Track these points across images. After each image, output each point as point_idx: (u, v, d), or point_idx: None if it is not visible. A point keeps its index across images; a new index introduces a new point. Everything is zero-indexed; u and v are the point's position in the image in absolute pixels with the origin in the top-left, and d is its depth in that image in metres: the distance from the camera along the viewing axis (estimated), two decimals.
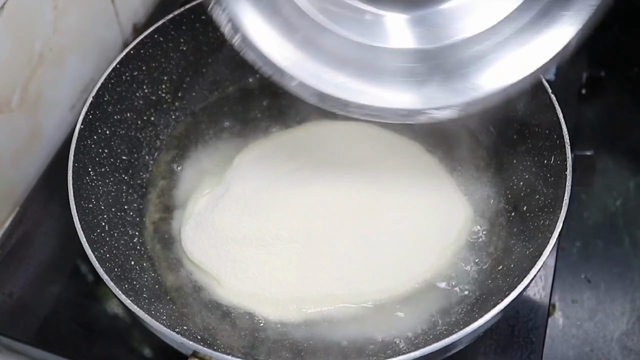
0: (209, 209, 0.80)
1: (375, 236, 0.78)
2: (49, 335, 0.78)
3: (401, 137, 0.87)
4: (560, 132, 0.74)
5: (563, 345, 0.85)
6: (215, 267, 0.77)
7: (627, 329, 0.87)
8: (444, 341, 0.62)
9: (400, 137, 0.87)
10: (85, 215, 0.72)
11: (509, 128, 0.83)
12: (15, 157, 0.88)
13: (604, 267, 0.91)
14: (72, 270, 0.83)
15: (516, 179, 0.81)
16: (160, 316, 0.71)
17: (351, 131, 0.87)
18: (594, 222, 0.95)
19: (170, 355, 0.69)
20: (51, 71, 0.91)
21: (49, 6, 0.87)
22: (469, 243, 0.79)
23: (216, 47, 0.90)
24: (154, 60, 0.86)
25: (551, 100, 0.75)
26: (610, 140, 1.02)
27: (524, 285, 0.65)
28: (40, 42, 0.88)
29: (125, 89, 0.84)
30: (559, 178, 0.72)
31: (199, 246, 0.78)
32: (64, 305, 0.80)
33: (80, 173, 0.75)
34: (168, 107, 0.89)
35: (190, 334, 0.72)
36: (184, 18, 0.86)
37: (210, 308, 0.76)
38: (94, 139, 0.79)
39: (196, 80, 0.91)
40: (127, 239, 0.79)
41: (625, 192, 0.97)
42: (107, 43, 1.02)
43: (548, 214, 0.72)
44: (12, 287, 0.81)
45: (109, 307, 0.80)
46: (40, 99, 0.90)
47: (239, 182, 0.81)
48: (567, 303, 0.89)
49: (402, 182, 0.81)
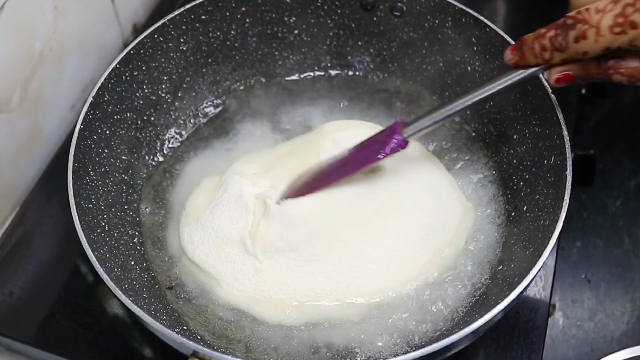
0: (208, 210, 0.80)
1: (375, 236, 0.77)
2: (49, 335, 0.78)
3: None
4: (560, 132, 0.74)
5: (563, 345, 0.85)
6: (215, 268, 0.77)
7: (627, 329, 0.87)
8: (444, 341, 0.62)
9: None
10: (85, 215, 0.72)
11: (509, 128, 0.83)
12: (15, 157, 0.88)
13: (604, 267, 0.91)
14: (72, 270, 0.83)
15: (516, 178, 0.81)
16: (160, 316, 0.71)
17: (352, 133, 0.87)
18: (594, 222, 0.95)
19: (170, 355, 0.69)
20: (51, 71, 0.91)
21: (49, 6, 0.87)
22: (469, 243, 0.79)
23: (216, 47, 0.90)
24: (154, 60, 0.86)
25: (551, 100, 0.75)
26: (610, 140, 1.02)
27: (524, 285, 0.65)
28: (40, 42, 0.88)
29: (125, 89, 0.84)
30: (559, 178, 0.72)
31: (198, 246, 0.78)
32: (64, 305, 0.80)
33: (80, 173, 0.75)
34: (168, 107, 0.89)
35: (190, 334, 0.72)
36: (184, 18, 0.86)
37: (210, 309, 0.76)
38: (94, 139, 0.79)
39: (196, 80, 0.91)
40: (127, 239, 0.79)
41: (625, 192, 0.97)
42: (107, 43, 1.02)
43: (548, 214, 0.72)
44: (12, 287, 0.81)
45: (109, 307, 0.80)
46: (40, 99, 0.90)
47: (238, 182, 0.81)
48: (567, 303, 0.88)
49: (402, 182, 0.81)
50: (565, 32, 0.62)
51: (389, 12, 0.89)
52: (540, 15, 1.05)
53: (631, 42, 0.60)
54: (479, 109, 0.86)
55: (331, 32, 0.92)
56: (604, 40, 0.60)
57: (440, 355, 0.64)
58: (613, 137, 1.02)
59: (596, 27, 0.60)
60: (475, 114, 0.87)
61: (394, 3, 0.88)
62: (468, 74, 0.86)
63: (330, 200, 0.78)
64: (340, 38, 0.93)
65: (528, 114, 0.80)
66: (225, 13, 0.89)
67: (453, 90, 0.89)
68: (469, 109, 0.73)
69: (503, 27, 0.81)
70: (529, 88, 0.78)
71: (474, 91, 0.71)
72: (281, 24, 0.91)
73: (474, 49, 0.84)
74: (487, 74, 0.84)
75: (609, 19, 0.59)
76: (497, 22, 1.00)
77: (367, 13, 0.90)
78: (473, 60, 0.85)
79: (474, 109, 0.87)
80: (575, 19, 0.61)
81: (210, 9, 0.87)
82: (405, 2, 0.87)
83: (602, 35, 0.60)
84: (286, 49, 0.93)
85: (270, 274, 0.75)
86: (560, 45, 0.62)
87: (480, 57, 0.84)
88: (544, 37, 0.64)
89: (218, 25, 0.89)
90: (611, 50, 0.61)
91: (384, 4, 0.89)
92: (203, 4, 0.87)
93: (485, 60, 0.84)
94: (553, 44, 0.63)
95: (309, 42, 0.93)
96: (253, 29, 0.91)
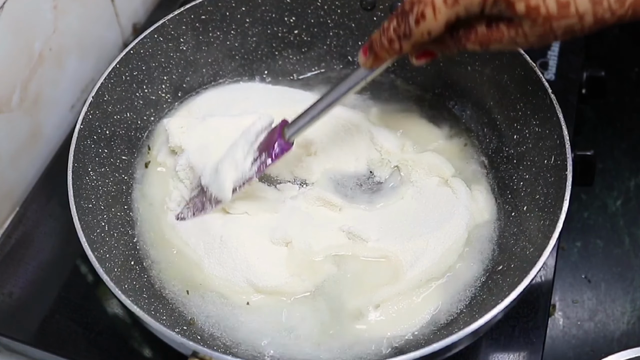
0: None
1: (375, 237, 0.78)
2: (49, 335, 0.78)
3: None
4: (560, 132, 0.74)
5: (563, 345, 0.85)
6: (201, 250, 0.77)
7: (627, 329, 0.87)
8: (444, 341, 0.62)
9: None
10: (85, 215, 0.72)
11: (509, 128, 0.83)
12: (15, 157, 0.88)
13: (604, 267, 0.91)
14: (72, 270, 0.83)
15: (516, 179, 0.81)
16: (160, 316, 0.71)
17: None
18: (594, 222, 0.95)
19: (170, 355, 0.69)
20: (51, 71, 0.91)
21: (48, 6, 0.87)
22: (469, 243, 0.79)
23: (216, 47, 0.90)
24: (154, 60, 0.86)
25: (551, 100, 0.75)
26: (610, 140, 1.02)
27: (524, 285, 0.65)
28: (40, 42, 0.88)
29: (125, 89, 0.84)
30: (559, 178, 0.72)
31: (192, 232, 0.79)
32: (64, 305, 0.80)
33: (80, 173, 0.75)
34: (168, 107, 0.89)
35: (190, 334, 0.72)
36: (184, 18, 0.86)
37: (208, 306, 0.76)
38: (94, 139, 0.79)
39: (196, 80, 0.91)
40: (127, 239, 0.79)
41: (625, 192, 0.97)
42: (107, 43, 1.02)
43: (548, 214, 0.72)
44: (12, 287, 0.81)
45: (109, 307, 0.80)
46: (40, 99, 0.90)
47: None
48: (567, 303, 0.89)
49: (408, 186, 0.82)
50: (405, 18, 0.62)
51: (389, 12, 0.89)
52: None
53: (467, 10, 0.59)
54: (478, 109, 0.87)
55: (331, 32, 0.92)
56: (442, 15, 0.60)
57: (440, 355, 0.64)
58: (613, 137, 1.03)
59: (431, 4, 0.59)
60: (475, 114, 0.87)
61: (394, 3, 0.88)
62: (468, 73, 0.86)
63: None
64: (340, 38, 0.93)
65: (528, 114, 0.80)
66: (225, 13, 0.89)
67: (453, 90, 0.89)
68: (341, 101, 0.74)
69: None
70: (529, 88, 0.78)
71: (344, 83, 0.72)
72: (281, 24, 0.91)
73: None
74: (487, 74, 0.84)
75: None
76: None
77: (367, 13, 0.90)
78: (473, 60, 0.85)
79: (473, 110, 0.87)
80: (410, 2, 0.61)
81: (210, 9, 0.87)
82: None
83: (438, 10, 0.59)
84: (286, 49, 0.93)
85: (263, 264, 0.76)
86: (405, 32, 0.62)
87: (480, 57, 0.84)
88: (388, 29, 0.64)
89: (218, 25, 0.89)
90: (453, 23, 0.61)
91: (384, 4, 0.89)
92: (203, 4, 0.87)
93: (486, 60, 0.84)
94: (397, 34, 0.63)
95: (309, 42, 0.93)
96: (253, 29, 0.91)
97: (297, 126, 0.75)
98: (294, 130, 0.76)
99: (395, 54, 0.65)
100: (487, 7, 0.58)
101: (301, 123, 0.75)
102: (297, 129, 0.76)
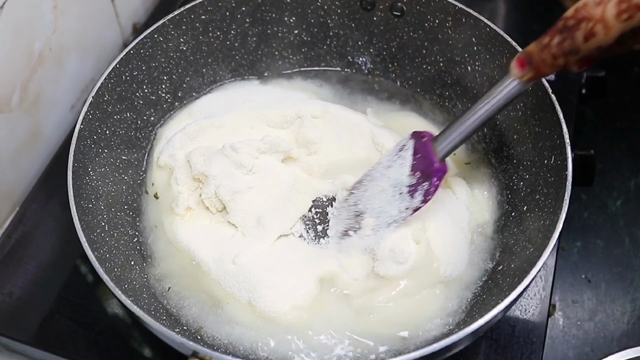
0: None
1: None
2: (49, 335, 0.78)
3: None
4: (560, 132, 0.74)
5: (563, 345, 0.85)
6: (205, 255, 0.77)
7: (627, 329, 0.87)
8: (444, 341, 0.62)
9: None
10: (85, 215, 0.72)
11: (509, 128, 0.83)
12: (15, 157, 0.88)
13: (604, 267, 0.91)
14: (72, 270, 0.83)
15: (516, 179, 0.81)
16: (160, 316, 0.71)
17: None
18: (594, 222, 0.95)
19: (170, 355, 0.69)
20: (51, 71, 0.91)
21: (48, 6, 0.87)
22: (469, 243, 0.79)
23: (216, 47, 0.90)
24: (154, 60, 0.86)
25: (551, 100, 0.75)
26: (610, 140, 1.02)
27: (524, 285, 0.65)
28: (40, 42, 0.88)
29: (125, 89, 0.84)
30: (559, 178, 0.72)
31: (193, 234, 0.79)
32: (64, 305, 0.80)
33: (80, 173, 0.75)
34: (168, 107, 0.89)
35: (190, 334, 0.72)
36: (184, 18, 0.86)
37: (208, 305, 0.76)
38: (94, 139, 0.79)
39: (196, 80, 0.91)
40: (127, 239, 0.79)
41: (625, 192, 0.97)
42: (107, 43, 1.02)
43: (548, 214, 0.72)
44: (12, 287, 0.81)
45: (109, 307, 0.80)
46: (40, 99, 0.90)
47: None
48: (567, 303, 0.89)
49: None
50: (570, 34, 0.59)
51: (389, 12, 0.89)
52: (540, 15, 1.05)
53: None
54: None
55: (331, 32, 0.92)
56: (614, 30, 0.57)
57: (441, 355, 0.64)
58: (613, 137, 1.03)
59: (602, 21, 0.57)
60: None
61: (394, 3, 0.88)
62: (468, 74, 0.86)
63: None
64: (340, 38, 0.93)
65: (528, 114, 0.80)
66: (225, 13, 0.89)
67: (453, 90, 0.89)
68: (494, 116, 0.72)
69: (503, 27, 0.81)
70: (529, 88, 0.78)
71: (495, 97, 0.70)
72: (281, 24, 0.91)
73: (474, 48, 0.84)
74: (487, 74, 0.84)
75: (612, 9, 0.57)
76: (497, 22, 1.00)
77: (367, 13, 0.90)
78: (473, 60, 0.85)
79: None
80: (575, 18, 0.59)
81: (210, 9, 0.87)
82: (405, 2, 0.87)
83: (610, 27, 0.57)
84: (286, 49, 0.93)
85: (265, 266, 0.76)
86: (571, 49, 0.60)
87: (480, 57, 0.84)
88: (550, 46, 0.61)
89: (218, 25, 0.89)
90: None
91: (384, 4, 0.89)
92: (203, 4, 0.87)
93: (486, 60, 0.84)
94: (563, 50, 0.60)
95: (309, 42, 0.93)
96: (253, 29, 0.91)
97: (449, 144, 0.73)
98: (447, 150, 0.73)
99: (558, 69, 0.63)
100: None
101: (453, 141, 0.72)
102: (450, 148, 0.73)
